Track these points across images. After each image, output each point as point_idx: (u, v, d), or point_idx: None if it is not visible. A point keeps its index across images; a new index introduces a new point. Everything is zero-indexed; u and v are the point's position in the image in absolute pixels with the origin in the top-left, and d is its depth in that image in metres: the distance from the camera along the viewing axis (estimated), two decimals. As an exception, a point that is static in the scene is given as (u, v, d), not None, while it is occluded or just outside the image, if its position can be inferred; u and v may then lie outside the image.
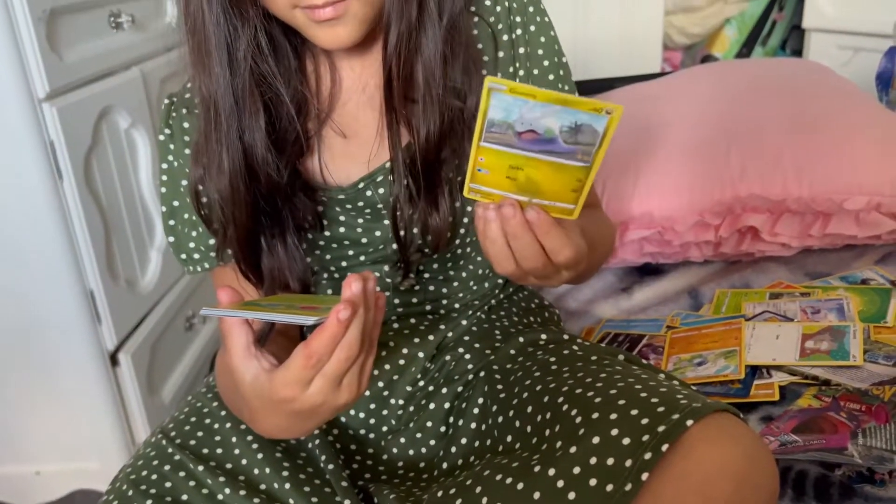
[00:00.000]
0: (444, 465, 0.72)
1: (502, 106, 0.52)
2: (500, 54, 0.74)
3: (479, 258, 0.81)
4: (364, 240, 0.77)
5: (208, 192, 0.73)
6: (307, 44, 0.72)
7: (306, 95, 0.72)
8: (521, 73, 0.74)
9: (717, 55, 2.69)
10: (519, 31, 0.74)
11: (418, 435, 0.76)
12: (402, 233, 0.73)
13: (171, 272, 1.43)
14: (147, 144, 1.35)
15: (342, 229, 0.76)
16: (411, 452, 0.76)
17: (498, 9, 0.74)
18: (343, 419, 0.77)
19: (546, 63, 0.75)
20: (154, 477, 0.68)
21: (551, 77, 0.75)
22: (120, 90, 1.29)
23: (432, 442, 0.75)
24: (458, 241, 0.77)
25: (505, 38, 0.73)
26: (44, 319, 1.20)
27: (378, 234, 0.76)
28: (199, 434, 0.72)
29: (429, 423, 0.75)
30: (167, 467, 0.69)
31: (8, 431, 1.29)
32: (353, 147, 0.74)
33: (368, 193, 0.74)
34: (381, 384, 0.76)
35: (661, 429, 0.55)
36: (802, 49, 2.46)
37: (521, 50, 0.74)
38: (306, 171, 0.74)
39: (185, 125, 0.76)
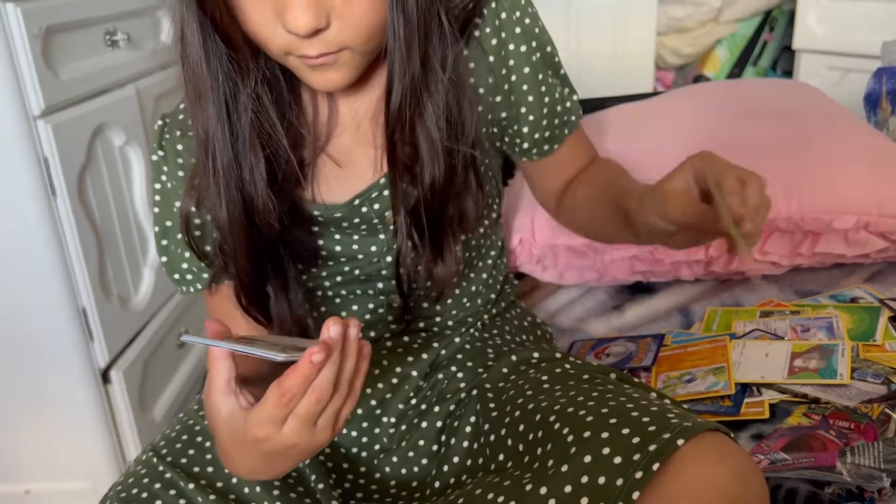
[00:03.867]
0: (437, 485, 0.72)
1: None
2: (490, 80, 0.75)
3: (472, 275, 0.82)
4: (360, 255, 0.77)
5: (204, 224, 0.73)
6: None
7: (301, 130, 0.72)
8: (514, 77, 0.75)
9: (708, 75, 2.72)
10: (514, 41, 0.74)
11: (410, 454, 0.75)
12: (405, 283, 0.73)
13: (163, 290, 1.43)
14: (141, 162, 1.36)
15: (338, 247, 0.77)
16: (403, 471, 0.76)
17: (488, 29, 0.74)
18: (335, 438, 0.77)
19: (523, 49, 0.75)
20: (144, 495, 0.68)
21: (526, 70, 0.75)
22: (115, 108, 1.29)
23: (424, 461, 0.75)
24: None
25: (491, 59, 0.74)
26: (35, 336, 1.20)
27: (374, 248, 0.77)
28: (191, 452, 0.72)
29: (421, 442, 0.75)
30: (157, 485, 0.69)
31: (-2, 449, 1.28)
32: (347, 174, 0.75)
33: (364, 210, 0.75)
34: (373, 402, 0.76)
35: (652, 448, 0.55)
36: (793, 69, 2.49)
37: (511, 47, 0.74)
38: (300, 199, 0.74)
39: (179, 147, 0.76)
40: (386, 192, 0.73)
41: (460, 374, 0.77)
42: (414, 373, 0.77)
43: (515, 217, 1.21)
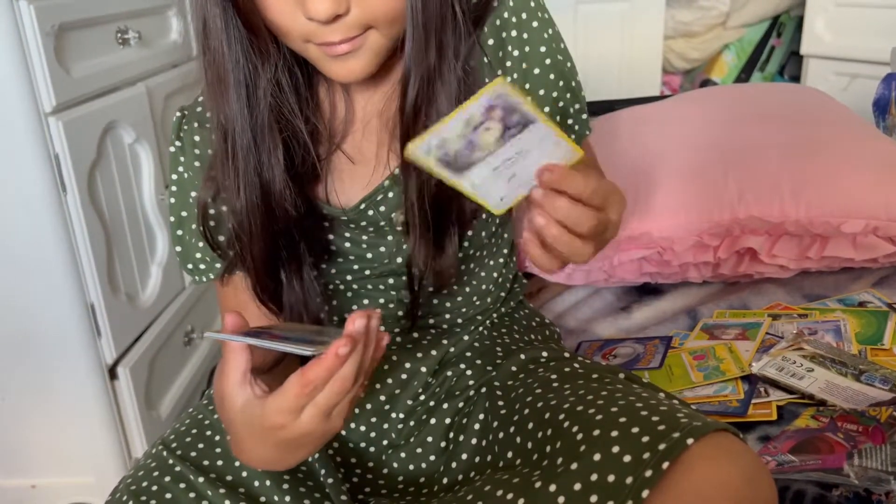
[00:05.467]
0: (445, 481, 0.73)
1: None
2: (487, 80, 0.74)
3: (482, 273, 0.82)
4: (369, 255, 0.77)
5: (219, 215, 0.74)
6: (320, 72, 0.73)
7: (318, 126, 0.73)
8: (516, 75, 0.73)
9: (715, 80, 2.72)
10: (513, 43, 0.72)
11: (418, 450, 0.76)
12: (416, 280, 0.73)
13: (171, 287, 1.44)
14: (150, 159, 1.36)
15: (347, 244, 0.77)
16: (411, 467, 0.76)
17: (496, 23, 0.73)
18: (343, 432, 0.78)
19: (516, 53, 0.73)
20: (154, 488, 0.68)
21: (552, 76, 0.73)
22: (125, 105, 1.30)
23: (432, 457, 0.75)
24: (461, 256, 0.78)
25: (500, 54, 0.73)
26: (43, 331, 1.20)
27: (382, 249, 0.77)
28: (200, 446, 0.73)
29: (429, 439, 0.76)
30: (167, 478, 0.69)
31: (4, 444, 1.28)
32: (359, 172, 0.75)
33: (370, 213, 0.75)
34: (382, 398, 0.77)
35: (661, 447, 0.56)
36: (800, 75, 2.49)
37: (516, 53, 0.72)
38: (313, 196, 0.74)
39: (196, 138, 0.77)
40: (391, 194, 0.73)
41: (469, 372, 0.77)
42: (423, 369, 0.77)
43: (520, 216, 1.21)
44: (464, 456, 0.72)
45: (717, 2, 2.62)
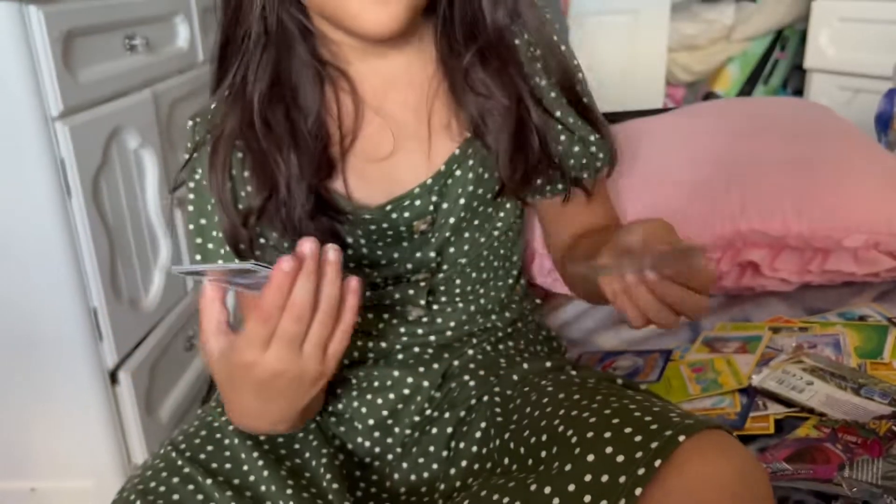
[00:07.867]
0: (443, 487, 0.73)
1: None
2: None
3: (492, 293, 0.81)
4: (383, 261, 0.78)
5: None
6: (327, 71, 0.73)
7: (327, 120, 0.73)
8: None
9: (719, 92, 2.73)
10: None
11: (421, 460, 0.76)
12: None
13: (173, 292, 1.44)
14: (155, 165, 1.37)
15: (364, 250, 0.77)
16: (413, 477, 0.76)
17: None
18: (350, 446, 0.78)
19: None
20: (162, 489, 0.69)
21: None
22: (131, 111, 1.31)
23: (435, 465, 0.75)
24: (473, 275, 0.78)
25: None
26: (45, 335, 1.20)
27: (396, 255, 0.77)
28: (209, 448, 0.73)
29: (431, 448, 0.76)
30: (176, 479, 0.69)
31: (4, 447, 1.29)
32: (377, 169, 0.75)
33: (394, 216, 0.75)
34: (384, 412, 0.77)
35: (653, 445, 0.56)
36: (804, 88, 2.49)
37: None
38: (329, 194, 0.74)
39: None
40: (418, 203, 0.74)
41: (472, 383, 0.77)
42: (426, 383, 0.77)
43: (527, 229, 1.22)
44: (463, 463, 0.73)
45: (721, 15, 2.63)
